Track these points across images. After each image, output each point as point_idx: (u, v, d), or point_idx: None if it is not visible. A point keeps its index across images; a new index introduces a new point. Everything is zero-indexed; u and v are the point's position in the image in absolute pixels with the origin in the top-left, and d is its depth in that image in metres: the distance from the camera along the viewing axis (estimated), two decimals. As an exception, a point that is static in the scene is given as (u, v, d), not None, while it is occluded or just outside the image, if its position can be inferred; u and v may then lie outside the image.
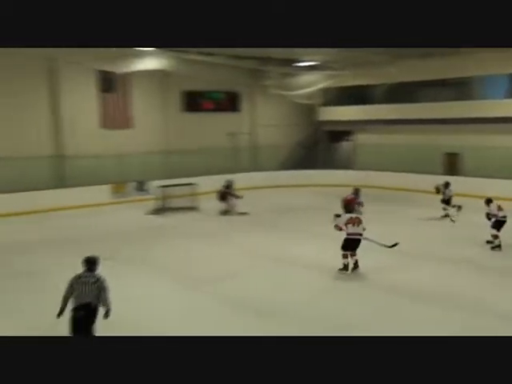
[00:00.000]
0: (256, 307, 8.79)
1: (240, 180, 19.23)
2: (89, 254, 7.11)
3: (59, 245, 13.31)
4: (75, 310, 6.66)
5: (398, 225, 15.33)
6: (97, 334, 6.54)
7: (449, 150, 22.06)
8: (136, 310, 8.55)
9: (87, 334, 6.49)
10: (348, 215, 10.79)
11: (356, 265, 10.48)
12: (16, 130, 18.47)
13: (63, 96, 19.49)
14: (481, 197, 13.39)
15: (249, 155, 25.40)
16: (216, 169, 22.52)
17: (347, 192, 15.81)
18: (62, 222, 16.23)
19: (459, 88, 22.13)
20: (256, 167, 24.89)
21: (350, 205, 13.37)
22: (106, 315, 6.75)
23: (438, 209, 16.19)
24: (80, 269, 6.91)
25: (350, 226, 10.38)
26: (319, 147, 25.97)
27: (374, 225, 11.21)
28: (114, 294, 6.90)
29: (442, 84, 22.22)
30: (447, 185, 16.36)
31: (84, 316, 6.60)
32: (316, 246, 12.78)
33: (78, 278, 6.79)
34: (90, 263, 6.92)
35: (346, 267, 10.47)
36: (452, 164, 22.19)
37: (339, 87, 25.16)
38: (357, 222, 10.44)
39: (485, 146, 20.38)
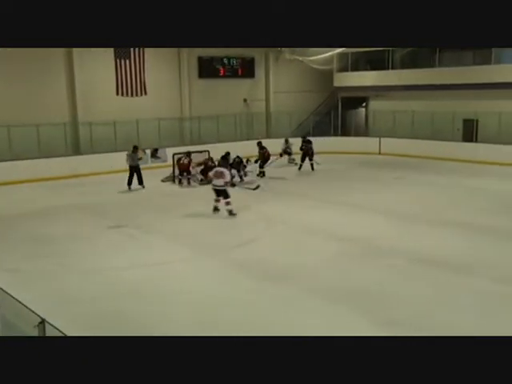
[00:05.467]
0: (267, 270, 8.97)
1: (254, 147, 19.19)
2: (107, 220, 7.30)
3: (77, 211, 13.56)
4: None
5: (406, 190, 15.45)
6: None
7: (467, 117, 21.69)
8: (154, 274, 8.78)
9: None
10: (216, 169, 12.70)
11: (217, 208, 12.62)
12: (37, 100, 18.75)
13: (79, 65, 19.61)
14: (500, 163, 13.18)
15: (263, 122, 25.32)
16: (230, 136, 22.53)
17: (361, 159, 15.75)
18: (80, 188, 16.48)
19: (478, 52, 21.64)
20: (270, 134, 24.82)
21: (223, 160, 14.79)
22: None
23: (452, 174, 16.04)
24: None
25: (214, 178, 12.45)
26: (334, 114, 25.71)
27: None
28: (132, 260, 7.09)
29: (461, 48, 21.68)
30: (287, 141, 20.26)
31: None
32: (323, 213, 13.04)
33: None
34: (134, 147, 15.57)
35: (216, 209, 12.67)
36: (470, 130, 21.87)
37: (356, 52, 24.75)
38: (218, 175, 12.36)
39: (504, 111, 20.05)
